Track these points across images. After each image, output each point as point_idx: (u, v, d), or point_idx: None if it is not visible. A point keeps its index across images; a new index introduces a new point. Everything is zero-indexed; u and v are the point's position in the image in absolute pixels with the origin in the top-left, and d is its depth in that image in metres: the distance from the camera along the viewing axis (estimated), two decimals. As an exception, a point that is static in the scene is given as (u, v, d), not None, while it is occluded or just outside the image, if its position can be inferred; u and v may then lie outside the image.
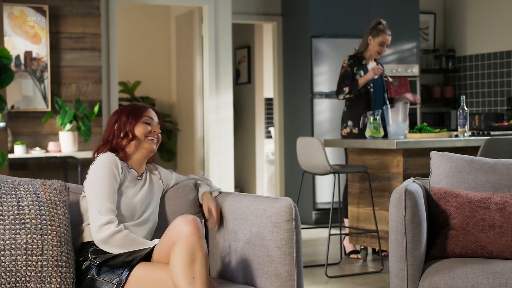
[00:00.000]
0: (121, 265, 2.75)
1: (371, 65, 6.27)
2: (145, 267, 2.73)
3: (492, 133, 6.10)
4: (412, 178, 3.47)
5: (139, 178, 3.08)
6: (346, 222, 6.16)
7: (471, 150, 5.43)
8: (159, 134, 3.14)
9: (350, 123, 6.21)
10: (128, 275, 2.71)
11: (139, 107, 3.13)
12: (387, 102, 6.28)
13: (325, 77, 8.19)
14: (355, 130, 6.16)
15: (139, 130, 3.07)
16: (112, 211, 2.86)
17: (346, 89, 6.09)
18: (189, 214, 3.00)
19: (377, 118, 5.80)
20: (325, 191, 8.08)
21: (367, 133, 5.82)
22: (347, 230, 6.14)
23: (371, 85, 6.17)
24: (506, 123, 6.65)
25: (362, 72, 6.16)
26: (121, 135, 3.06)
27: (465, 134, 5.68)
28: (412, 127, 7.27)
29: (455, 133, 5.80)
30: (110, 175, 2.92)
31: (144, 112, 3.11)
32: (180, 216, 2.74)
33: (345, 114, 6.27)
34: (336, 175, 5.68)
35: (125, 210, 2.95)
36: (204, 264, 2.63)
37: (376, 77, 6.09)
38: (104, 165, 2.94)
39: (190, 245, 2.62)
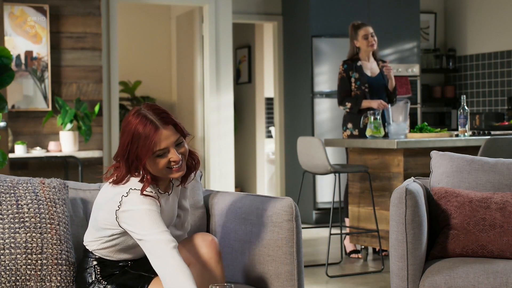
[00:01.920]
0: (133, 285, 2.65)
1: (369, 64, 6.27)
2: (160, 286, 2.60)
3: (492, 132, 6.09)
4: (412, 177, 3.47)
5: (168, 194, 2.72)
6: (347, 221, 6.16)
7: (471, 150, 5.43)
8: (182, 149, 2.64)
9: (350, 125, 6.21)
10: None
11: (146, 136, 2.53)
12: (388, 101, 6.28)
13: (325, 77, 8.18)
14: (355, 132, 6.17)
15: (154, 168, 2.58)
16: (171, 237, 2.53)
17: (348, 105, 6.15)
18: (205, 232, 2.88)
19: (378, 117, 5.81)
20: (326, 190, 8.08)
21: (368, 132, 5.82)
22: (347, 230, 6.14)
23: (366, 85, 6.17)
24: (506, 123, 6.65)
25: (356, 75, 6.17)
26: (136, 173, 2.61)
27: (466, 134, 5.67)
28: (413, 127, 7.27)
29: (455, 132, 5.80)
30: (158, 212, 2.55)
31: (153, 146, 2.54)
32: (200, 234, 2.67)
33: (346, 117, 6.28)
34: (337, 174, 5.68)
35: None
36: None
37: (379, 110, 6.03)
38: (150, 208, 2.54)
39: (207, 269, 2.61)
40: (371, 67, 6.28)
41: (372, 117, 5.81)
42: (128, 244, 2.66)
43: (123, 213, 2.55)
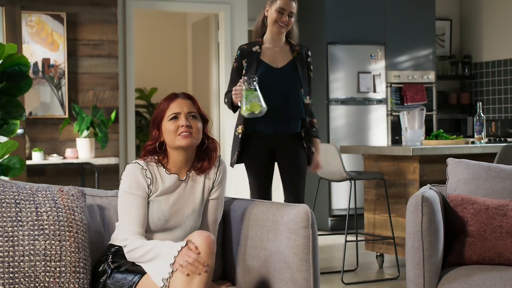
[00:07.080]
0: (134, 273, 2.74)
1: (275, 50, 4.63)
2: None
3: (509, 139, 6.08)
4: (428, 184, 3.47)
5: (182, 180, 2.92)
6: None
7: (488, 157, 5.42)
8: (195, 122, 2.88)
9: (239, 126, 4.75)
10: (137, 283, 2.69)
11: (163, 101, 2.91)
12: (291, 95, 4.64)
13: (341, 84, 8.18)
14: (239, 130, 4.75)
15: (166, 130, 2.88)
16: (134, 232, 2.79)
17: (225, 101, 4.63)
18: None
19: (254, 87, 4.26)
20: (341, 197, 8.07)
21: (243, 112, 4.38)
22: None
23: (255, 78, 4.29)
24: (523, 130, 6.62)
25: (254, 67, 4.51)
26: (153, 138, 2.91)
27: (482, 141, 5.66)
28: (429, 134, 7.25)
29: (471, 139, 5.79)
30: (133, 188, 2.83)
31: (167, 107, 2.88)
32: (197, 231, 2.74)
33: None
34: (352, 181, 5.68)
35: (157, 219, 2.86)
36: (203, 282, 2.62)
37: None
38: (127, 179, 2.85)
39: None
40: (274, 54, 4.62)
41: (245, 89, 4.26)
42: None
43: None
